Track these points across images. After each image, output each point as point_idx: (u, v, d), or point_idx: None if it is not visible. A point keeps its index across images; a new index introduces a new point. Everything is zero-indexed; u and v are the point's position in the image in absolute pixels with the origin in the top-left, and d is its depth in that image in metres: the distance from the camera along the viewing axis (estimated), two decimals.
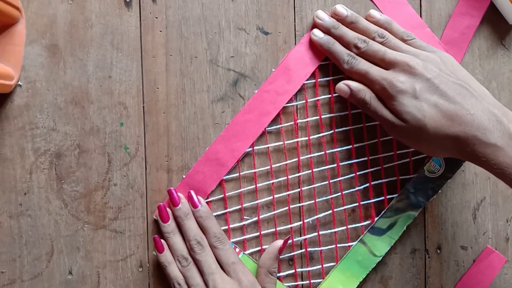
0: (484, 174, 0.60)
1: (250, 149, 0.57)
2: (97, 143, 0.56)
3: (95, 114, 0.56)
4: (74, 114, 0.56)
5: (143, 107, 0.56)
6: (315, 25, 0.56)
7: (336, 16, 0.56)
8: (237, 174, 0.57)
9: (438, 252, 0.60)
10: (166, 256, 0.55)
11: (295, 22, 0.58)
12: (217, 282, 0.53)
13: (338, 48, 0.54)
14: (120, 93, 0.56)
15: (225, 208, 0.57)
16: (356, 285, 0.58)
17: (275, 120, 0.57)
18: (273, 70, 0.57)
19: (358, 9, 0.58)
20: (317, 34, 0.56)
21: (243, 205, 0.57)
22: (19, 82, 0.55)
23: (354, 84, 0.53)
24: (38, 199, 0.55)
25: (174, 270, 0.55)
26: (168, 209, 0.56)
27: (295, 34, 0.58)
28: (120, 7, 0.56)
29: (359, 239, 0.58)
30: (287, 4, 0.58)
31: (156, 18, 0.56)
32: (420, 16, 0.59)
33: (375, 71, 0.52)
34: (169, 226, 0.55)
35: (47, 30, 0.55)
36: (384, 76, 0.51)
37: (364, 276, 0.58)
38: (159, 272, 0.57)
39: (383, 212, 0.58)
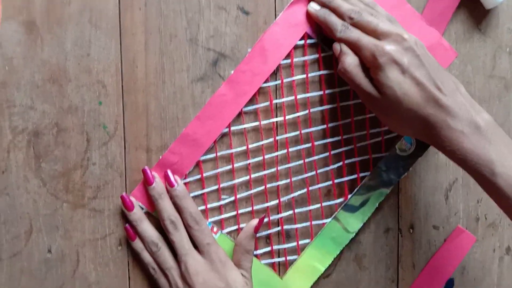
0: None
1: (227, 129, 0.57)
2: (75, 122, 0.56)
3: (73, 92, 0.56)
4: (51, 92, 0.55)
5: (122, 86, 0.56)
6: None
7: None
8: (214, 155, 0.58)
9: (411, 231, 0.62)
10: (138, 243, 0.56)
11: (275, 2, 0.58)
12: (189, 263, 0.54)
13: (333, 18, 0.54)
14: (98, 72, 0.56)
15: (203, 188, 0.58)
16: (330, 261, 0.59)
17: (251, 101, 0.58)
18: (249, 50, 0.57)
19: None
20: (314, 6, 0.56)
21: (221, 185, 0.58)
22: None
23: (344, 47, 0.53)
24: (16, 178, 0.55)
25: (147, 256, 0.56)
26: (131, 198, 0.56)
27: (275, 14, 0.58)
28: None
29: (333, 216, 0.60)
30: None
31: None
32: None
33: (367, 38, 0.52)
34: (135, 215, 0.56)
35: (24, 6, 0.54)
36: (376, 43, 0.51)
37: (338, 253, 0.59)
38: None
39: (356, 189, 0.59)
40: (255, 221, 0.57)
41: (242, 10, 0.57)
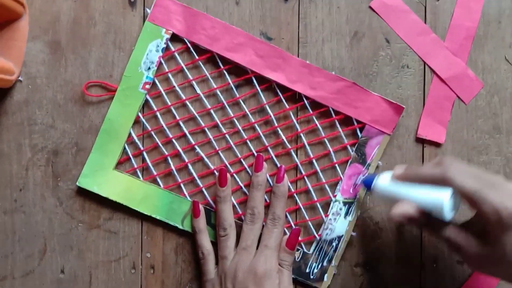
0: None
1: None
2: (95, 141, 0.55)
3: (94, 112, 0.56)
4: (73, 112, 0.56)
5: (143, 106, 0.56)
6: None
7: None
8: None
9: (434, 266, 0.59)
10: (199, 222, 0.56)
11: (299, 28, 0.58)
12: (241, 259, 0.53)
13: None
14: None
15: None
16: None
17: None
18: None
19: (362, 18, 0.58)
20: None
21: None
22: (20, 78, 0.55)
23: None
24: (33, 196, 0.55)
25: (202, 239, 0.55)
26: (228, 175, 0.56)
27: (298, 40, 0.57)
28: (124, 6, 0.56)
29: None
30: (291, 11, 0.57)
31: None
32: None
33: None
34: (224, 192, 0.55)
35: (50, 27, 0.55)
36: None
37: None
38: (152, 274, 0.56)
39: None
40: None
41: (265, 36, 0.57)
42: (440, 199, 0.46)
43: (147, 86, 0.55)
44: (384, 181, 0.51)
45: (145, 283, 0.56)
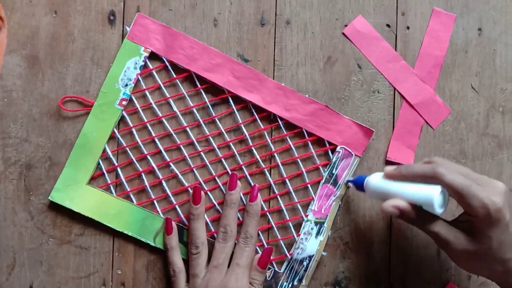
0: (449, 211, 0.61)
1: None
2: (68, 156, 0.55)
3: (70, 127, 0.56)
4: (48, 126, 0.56)
5: (119, 123, 0.57)
6: None
7: None
8: None
9: (402, 287, 0.60)
10: (172, 240, 0.56)
11: (274, 52, 0.59)
12: (212, 277, 0.53)
13: None
14: None
15: None
16: None
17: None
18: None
19: (336, 44, 0.60)
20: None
21: None
22: None
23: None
24: (4, 210, 0.55)
25: (173, 256, 0.55)
26: (202, 193, 0.56)
27: (274, 63, 0.59)
28: (103, 24, 0.57)
29: None
30: (268, 34, 0.59)
31: None
32: None
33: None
34: (197, 209, 0.56)
35: (29, 41, 0.56)
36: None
37: None
38: None
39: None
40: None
41: (242, 57, 0.59)
42: (431, 193, 0.48)
43: (124, 103, 0.56)
44: (375, 179, 0.53)
45: None
